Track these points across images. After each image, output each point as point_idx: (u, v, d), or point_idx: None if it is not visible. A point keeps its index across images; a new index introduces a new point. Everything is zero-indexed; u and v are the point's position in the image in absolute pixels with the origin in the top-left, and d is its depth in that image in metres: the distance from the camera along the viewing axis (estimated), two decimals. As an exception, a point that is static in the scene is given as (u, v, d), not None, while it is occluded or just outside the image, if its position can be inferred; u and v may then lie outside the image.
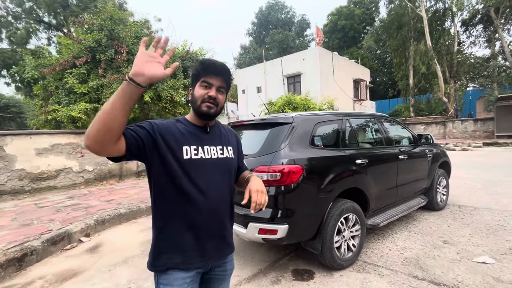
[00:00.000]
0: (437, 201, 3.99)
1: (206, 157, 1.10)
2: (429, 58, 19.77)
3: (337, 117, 2.88)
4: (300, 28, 41.60)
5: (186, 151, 1.04)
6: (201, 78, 1.07)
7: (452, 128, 18.02)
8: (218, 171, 1.12)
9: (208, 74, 1.07)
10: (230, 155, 1.19)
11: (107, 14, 7.33)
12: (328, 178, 2.41)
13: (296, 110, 10.77)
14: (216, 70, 1.08)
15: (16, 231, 3.35)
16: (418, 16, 20.75)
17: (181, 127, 1.09)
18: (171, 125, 1.07)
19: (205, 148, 1.11)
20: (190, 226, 1.05)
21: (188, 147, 1.05)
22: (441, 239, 3.05)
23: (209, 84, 1.07)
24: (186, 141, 1.06)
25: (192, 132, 1.10)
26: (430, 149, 4.00)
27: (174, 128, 1.06)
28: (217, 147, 1.15)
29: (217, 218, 1.12)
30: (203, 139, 1.12)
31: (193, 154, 1.06)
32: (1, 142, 5.44)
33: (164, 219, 1.06)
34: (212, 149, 1.13)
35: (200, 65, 1.08)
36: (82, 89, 6.59)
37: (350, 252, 2.58)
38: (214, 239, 1.12)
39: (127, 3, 19.79)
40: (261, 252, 2.92)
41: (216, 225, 1.12)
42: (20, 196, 5.46)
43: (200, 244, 1.08)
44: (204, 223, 1.08)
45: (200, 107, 1.08)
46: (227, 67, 1.11)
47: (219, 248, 1.15)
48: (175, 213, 1.05)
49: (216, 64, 1.09)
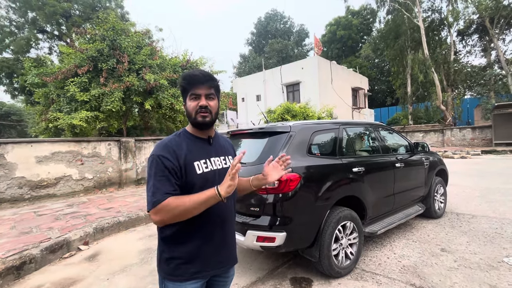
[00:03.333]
0: (435, 209, 4.01)
1: (214, 168, 1.15)
2: (427, 67, 20.08)
3: (334, 126, 2.94)
4: (299, 37, 42.28)
5: (198, 166, 1.09)
6: (189, 92, 1.11)
7: (450, 136, 18.11)
8: None
9: (193, 86, 1.10)
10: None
11: (109, 24, 7.50)
12: (325, 186, 2.45)
13: (295, 118, 10.87)
14: (200, 80, 1.11)
15: (15, 239, 3.36)
16: (415, 26, 21.16)
17: (186, 142, 1.12)
18: (175, 145, 1.09)
19: (212, 160, 1.16)
20: (208, 236, 1.12)
21: (198, 162, 1.10)
22: (439, 247, 3.06)
23: (197, 95, 1.11)
24: (195, 157, 1.10)
25: (198, 145, 1.14)
26: (427, 157, 4.04)
27: (181, 146, 1.10)
28: (221, 158, 1.21)
29: (229, 226, 1.21)
30: (208, 151, 1.17)
31: (203, 167, 1.11)
32: (2, 150, 5.48)
33: (182, 231, 1.08)
34: (217, 160, 1.18)
35: (184, 80, 1.12)
36: (84, 97, 6.67)
37: (348, 260, 2.59)
38: (227, 246, 1.19)
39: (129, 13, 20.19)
40: (259, 260, 2.93)
41: (228, 232, 1.20)
42: (19, 204, 5.46)
43: (217, 252, 1.15)
44: (220, 231, 1.15)
45: (196, 118, 1.11)
46: (209, 74, 1.15)
47: (231, 254, 1.23)
48: (194, 224, 1.08)
49: (198, 74, 1.12)
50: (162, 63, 8.03)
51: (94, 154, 6.71)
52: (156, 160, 1.03)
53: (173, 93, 7.74)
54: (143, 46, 7.90)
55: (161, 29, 13.27)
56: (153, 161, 1.04)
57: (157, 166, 1.02)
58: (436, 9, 22.59)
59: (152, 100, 7.40)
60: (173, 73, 7.97)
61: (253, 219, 2.32)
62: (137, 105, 8.05)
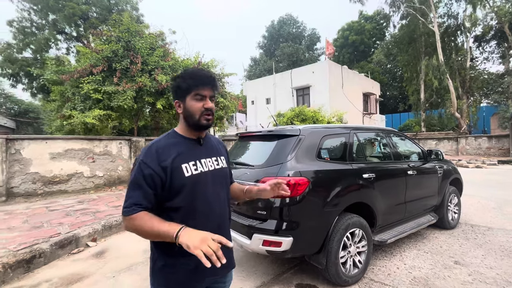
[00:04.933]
0: (448, 219, 3.87)
1: (205, 169, 1.11)
2: (441, 73, 19.59)
3: (345, 131, 2.88)
4: (310, 41, 42.15)
5: (186, 168, 1.05)
6: (192, 91, 1.06)
7: (465, 145, 17.55)
8: (217, 182, 1.16)
9: (199, 86, 1.06)
10: (224, 164, 1.23)
11: (124, 26, 7.69)
12: (334, 191, 2.40)
13: (304, 122, 10.79)
14: (207, 81, 1.07)
15: (26, 233, 3.44)
16: (430, 31, 20.75)
17: (175, 144, 1.08)
18: (162, 148, 1.05)
19: (202, 161, 1.12)
20: None
21: (186, 164, 1.06)
22: (452, 259, 2.94)
23: (202, 96, 1.07)
24: (184, 159, 1.06)
25: (187, 147, 1.10)
26: (441, 165, 3.92)
27: (169, 148, 1.06)
28: (212, 158, 1.17)
29: (225, 230, 1.17)
30: (198, 152, 1.13)
31: (192, 169, 1.06)
32: (18, 145, 5.66)
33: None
34: (209, 161, 1.14)
35: (191, 78, 1.07)
36: (98, 95, 6.84)
37: (356, 268, 2.52)
38: (223, 251, 1.11)
39: (144, 16, 20.65)
40: (264, 264, 2.89)
41: (224, 235, 1.13)
42: (32, 199, 5.61)
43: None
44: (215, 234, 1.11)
45: (200, 120, 1.08)
46: (214, 75, 1.12)
47: (228, 259, 1.15)
48: None
49: (206, 74, 1.09)
50: (174, 64, 8.15)
51: (105, 152, 6.84)
52: (137, 166, 1.01)
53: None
54: (156, 48, 8.05)
55: (174, 32, 13.53)
56: (134, 166, 1.03)
57: (136, 173, 1.00)
58: (453, 14, 22.12)
59: (163, 100, 7.51)
60: (184, 74, 8.07)
61: (260, 222, 2.30)
62: (148, 105, 8.19)
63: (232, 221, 2.53)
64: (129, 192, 1.01)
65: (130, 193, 1.00)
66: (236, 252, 3.23)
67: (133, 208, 0.97)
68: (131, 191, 1.00)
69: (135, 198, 0.98)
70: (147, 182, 0.99)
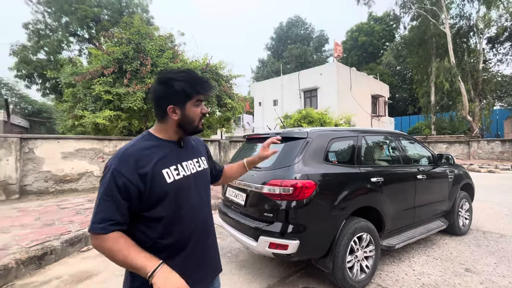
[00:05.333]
0: (458, 225, 3.78)
1: (187, 173, 1.04)
2: (453, 75, 19.19)
3: (353, 134, 2.86)
4: (319, 43, 41.99)
5: (167, 174, 0.96)
6: (194, 96, 1.00)
7: (477, 149, 17.12)
8: (199, 184, 1.10)
9: (202, 91, 1.01)
10: (205, 165, 1.18)
11: (135, 28, 7.83)
12: (341, 195, 2.38)
13: (311, 124, 10.74)
14: (209, 87, 1.04)
15: (38, 230, 3.53)
16: (441, 32, 20.37)
17: (153, 148, 0.98)
18: (138, 153, 0.94)
19: (184, 165, 1.04)
20: (189, 251, 1.01)
21: (168, 170, 0.97)
22: (463, 266, 2.87)
23: (201, 101, 1.03)
24: (164, 164, 0.97)
25: (168, 150, 1.01)
26: (451, 169, 3.84)
27: (146, 153, 0.95)
28: (193, 160, 1.11)
29: (210, 231, 1.13)
30: (179, 155, 1.05)
31: (174, 174, 0.98)
32: (32, 145, 5.82)
33: (158, 252, 0.93)
34: (190, 163, 1.07)
35: (198, 84, 1.00)
36: (109, 96, 6.98)
37: (363, 273, 2.49)
38: (209, 259, 1.10)
39: (154, 18, 21.00)
40: (270, 267, 2.88)
41: (210, 245, 1.12)
42: (44, 197, 5.76)
43: (198, 268, 1.05)
44: (201, 246, 1.06)
45: (198, 127, 1.04)
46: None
47: (214, 266, 1.14)
48: (173, 243, 0.98)
49: (204, 78, 1.05)
50: (183, 66, 8.25)
51: (115, 152, 6.96)
52: (110, 175, 0.89)
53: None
54: (165, 50, 8.16)
55: (182, 33, 13.66)
56: (106, 174, 0.90)
57: (108, 182, 0.88)
58: (465, 15, 21.66)
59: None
60: (192, 76, 8.16)
61: (266, 224, 2.30)
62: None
63: (239, 223, 2.55)
64: (99, 205, 0.88)
65: (100, 206, 0.88)
66: (242, 253, 3.24)
67: (103, 226, 0.86)
68: (102, 204, 0.88)
69: (107, 212, 0.87)
70: (121, 193, 0.88)
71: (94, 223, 0.87)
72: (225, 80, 9.38)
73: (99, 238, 0.87)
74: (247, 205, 2.53)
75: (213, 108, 9.18)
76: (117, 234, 0.88)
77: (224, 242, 3.61)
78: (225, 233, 3.78)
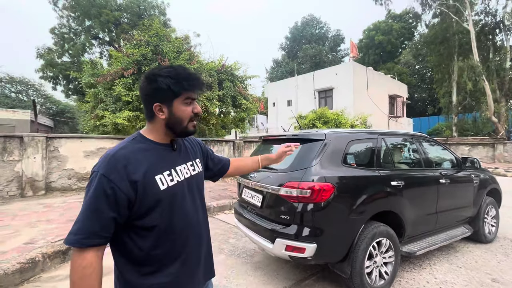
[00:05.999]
0: (484, 232, 3.60)
1: (181, 179, 0.97)
2: (477, 75, 18.29)
3: (372, 136, 2.79)
4: (334, 43, 41.34)
5: (161, 180, 0.90)
6: (182, 94, 0.92)
7: (503, 151, 16.22)
8: (193, 189, 1.04)
9: (192, 88, 0.93)
10: (200, 168, 1.12)
11: (153, 31, 8.04)
12: (360, 198, 2.33)
13: (327, 125, 10.59)
14: (198, 82, 0.95)
15: (63, 226, 3.70)
16: (465, 30, 19.48)
17: (144, 152, 0.91)
18: (129, 158, 0.86)
19: (178, 169, 0.97)
20: (183, 259, 0.97)
21: (161, 176, 0.90)
22: (490, 276, 2.73)
23: (192, 99, 0.96)
24: (156, 169, 0.90)
25: (159, 154, 0.94)
26: (477, 174, 3.66)
27: (137, 157, 0.88)
28: (188, 164, 1.04)
29: (204, 240, 1.07)
30: (172, 159, 0.98)
31: (168, 181, 0.92)
32: (57, 143, 6.11)
33: (150, 262, 0.90)
34: (184, 168, 1.01)
35: (182, 78, 0.91)
36: (128, 98, 7.21)
37: (382, 280, 2.42)
38: (203, 264, 1.06)
39: (170, 20, 21.47)
40: (286, 269, 2.87)
41: (205, 248, 1.07)
42: (67, 194, 6.03)
43: (193, 274, 1.00)
44: (195, 251, 1.01)
45: (187, 127, 0.96)
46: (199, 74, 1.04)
47: (208, 270, 1.10)
48: (166, 249, 0.92)
49: (195, 74, 0.96)
50: (199, 67, 8.38)
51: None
52: (97, 182, 0.81)
53: (208, 96, 8.03)
54: (182, 51, 8.33)
55: (198, 35, 13.93)
56: (93, 180, 0.83)
57: (95, 189, 0.81)
58: (490, 11, 20.58)
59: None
60: (208, 77, 8.27)
61: (283, 227, 2.28)
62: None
63: (255, 224, 2.55)
64: (81, 214, 0.80)
65: (82, 215, 0.80)
66: (257, 255, 3.24)
67: (78, 238, 0.78)
68: (84, 214, 0.80)
69: (87, 224, 0.79)
70: (109, 202, 0.80)
71: (69, 233, 0.79)
72: (240, 81, 9.43)
73: (73, 254, 0.79)
74: (263, 206, 2.53)
75: (228, 109, 9.26)
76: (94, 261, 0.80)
77: (239, 242, 3.62)
78: (240, 233, 3.80)
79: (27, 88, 27.75)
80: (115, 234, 0.86)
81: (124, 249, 0.89)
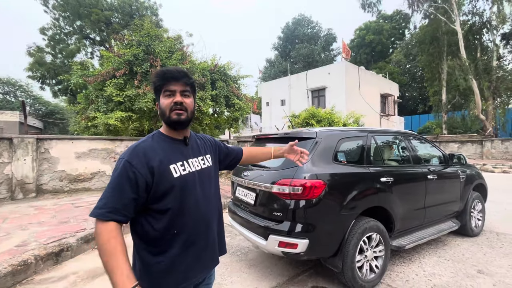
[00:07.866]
0: (471, 226, 3.72)
1: (193, 170, 1.10)
2: (465, 73, 18.75)
3: (362, 134, 2.86)
4: (326, 42, 41.66)
5: (174, 169, 1.03)
6: (162, 89, 1.05)
7: (490, 148, 16.66)
8: (204, 181, 1.15)
9: (167, 82, 1.04)
10: (210, 163, 1.23)
11: (145, 31, 7.98)
12: (351, 194, 2.39)
13: (320, 123, 10.69)
14: (174, 76, 1.05)
15: (55, 228, 3.66)
16: (453, 30, 19.92)
17: (161, 144, 1.07)
18: (149, 148, 1.02)
19: (190, 162, 1.11)
20: (191, 242, 1.06)
21: (175, 165, 1.04)
22: (475, 268, 2.83)
23: (171, 91, 1.05)
24: (171, 160, 1.04)
25: (174, 147, 1.09)
26: (463, 170, 3.78)
27: (155, 149, 1.03)
28: (199, 158, 1.17)
29: (213, 226, 1.17)
30: (185, 152, 1.12)
31: (181, 170, 1.05)
32: (47, 145, 6.02)
33: (163, 242, 1.02)
34: (195, 161, 1.14)
35: (157, 76, 1.06)
36: (120, 98, 7.14)
37: (373, 273, 2.49)
38: (210, 247, 1.15)
39: (163, 20, 21.31)
40: (279, 265, 2.91)
41: (212, 233, 1.16)
42: (59, 196, 5.94)
43: (200, 256, 1.10)
44: (204, 234, 1.11)
45: (170, 117, 1.05)
46: (184, 70, 1.09)
47: (214, 255, 1.19)
48: (176, 231, 1.03)
49: (173, 70, 1.07)
50: (192, 67, 8.34)
51: (126, 152, 7.12)
52: (121, 166, 0.96)
53: (201, 96, 8.02)
54: (174, 51, 8.28)
55: (191, 34, 13.77)
56: (118, 165, 0.97)
57: (120, 173, 0.95)
58: (478, 12, 21.09)
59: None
60: (201, 77, 8.25)
61: (276, 223, 2.33)
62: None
63: (248, 222, 2.58)
64: (106, 192, 0.94)
65: (107, 193, 0.93)
66: (251, 252, 3.28)
67: (102, 212, 0.91)
68: (109, 192, 0.93)
69: (112, 201, 0.92)
70: (130, 183, 0.93)
71: (95, 208, 0.93)
72: (233, 81, 9.44)
73: (97, 224, 0.91)
74: (256, 204, 2.56)
75: (221, 109, 9.25)
76: (115, 229, 0.90)
77: (234, 240, 3.65)
78: (234, 232, 3.84)
79: (15, 89, 27.12)
80: (134, 218, 1.00)
81: (142, 230, 1.02)
